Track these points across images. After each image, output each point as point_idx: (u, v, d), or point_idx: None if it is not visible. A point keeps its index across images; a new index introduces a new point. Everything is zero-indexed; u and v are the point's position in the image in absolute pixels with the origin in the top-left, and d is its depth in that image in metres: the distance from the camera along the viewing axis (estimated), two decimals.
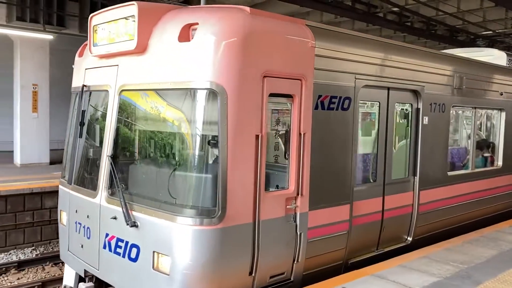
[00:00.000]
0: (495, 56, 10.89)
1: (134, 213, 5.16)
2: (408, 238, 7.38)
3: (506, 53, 11.03)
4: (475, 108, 8.85)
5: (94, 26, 5.94)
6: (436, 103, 7.57)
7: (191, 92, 4.89)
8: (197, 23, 4.86)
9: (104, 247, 5.59)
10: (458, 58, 8.41)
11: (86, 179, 6.12)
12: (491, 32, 18.92)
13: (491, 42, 19.95)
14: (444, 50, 10.82)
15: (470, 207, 8.68)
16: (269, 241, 5.19)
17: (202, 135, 4.87)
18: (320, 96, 5.63)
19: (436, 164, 7.74)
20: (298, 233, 5.51)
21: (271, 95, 5.14)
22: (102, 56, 5.95)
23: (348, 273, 5.94)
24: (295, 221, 5.48)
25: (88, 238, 5.89)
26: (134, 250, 5.16)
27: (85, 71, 6.39)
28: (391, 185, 6.93)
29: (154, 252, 4.94)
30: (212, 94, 4.73)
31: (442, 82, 7.69)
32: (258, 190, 4.99)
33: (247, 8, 4.99)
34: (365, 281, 5.58)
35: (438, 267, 6.10)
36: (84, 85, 6.32)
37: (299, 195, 5.46)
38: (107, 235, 5.56)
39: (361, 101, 6.38)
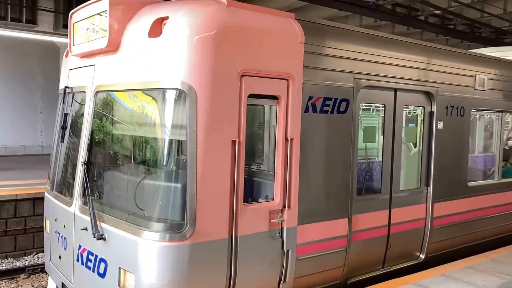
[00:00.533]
0: None
1: (103, 224, 4.76)
2: (421, 256, 6.67)
3: None
4: (502, 111, 8.01)
5: (74, 23, 5.61)
6: (454, 106, 6.83)
7: (159, 94, 4.44)
8: (167, 17, 4.42)
9: (78, 260, 5.22)
10: (479, 56, 7.61)
11: (65, 186, 5.79)
12: None
13: None
14: (472, 50, 9.98)
15: (495, 222, 7.83)
16: (249, 259, 4.66)
17: (170, 140, 4.42)
18: (311, 98, 5.07)
19: (454, 173, 6.98)
20: (285, 250, 4.95)
21: (252, 96, 4.63)
22: (82, 56, 5.60)
23: (387, 281, 5.79)
24: (281, 237, 4.93)
25: (65, 249, 5.54)
26: (102, 265, 4.75)
27: (69, 72, 6.08)
28: (400, 196, 6.25)
29: (120, 268, 4.51)
30: (181, 95, 4.27)
31: (460, 83, 6.94)
32: (235, 201, 4.48)
33: (224, 0, 4.51)
34: None
35: (483, 278, 5.89)
36: (66, 87, 6.00)
37: (286, 208, 4.91)
38: (79, 247, 5.18)
39: (363, 104, 5.76)
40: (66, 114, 5.94)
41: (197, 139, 4.22)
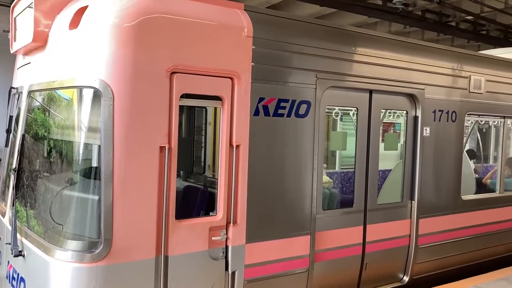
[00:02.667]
0: None
1: (24, 240, 4.26)
2: (404, 278, 5.93)
3: None
4: (504, 117, 7.20)
5: (14, 18, 5.17)
6: (443, 111, 6.09)
7: (75, 93, 3.93)
8: (87, 6, 3.91)
9: (7, 277, 4.74)
10: (474, 55, 6.84)
11: (3, 195, 5.34)
12: None
13: None
14: (481, 51, 9.18)
15: (494, 240, 7.01)
16: (183, 282, 4.08)
17: (85, 145, 3.89)
18: (262, 99, 4.46)
19: (444, 185, 6.23)
20: (230, 272, 4.35)
21: (187, 96, 4.06)
22: (24, 53, 5.16)
23: None
24: (225, 257, 4.33)
25: (0, 263, 5.08)
26: (22, 285, 4.25)
27: (17, 71, 5.65)
28: (377, 211, 5.55)
29: None
30: (96, 94, 3.74)
31: (452, 85, 6.20)
32: (165, 217, 3.91)
33: None
34: None
35: None
36: (11, 87, 5.57)
37: (231, 223, 4.31)
38: (8, 262, 4.70)
39: (328, 106, 5.11)
40: (11, 117, 5.51)
41: (113, 144, 3.67)
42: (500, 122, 7.32)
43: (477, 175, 8.66)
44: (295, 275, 4.81)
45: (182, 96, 4.01)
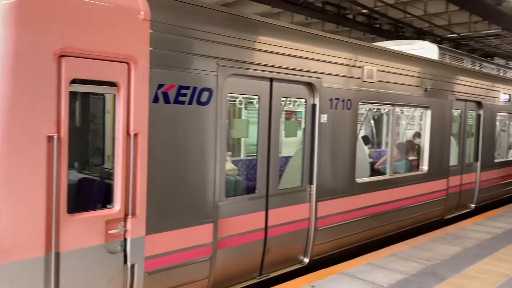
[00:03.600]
0: (426, 49, 9.94)
1: None
2: (305, 259, 6.19)
3: (438, 46, 10.09)
4: (393, 105, 7.76)
5: None
6: (339, 99, 6.39)
7: None
8: None
9: None
10: (367, 47, 7.27)
11: None
12: (456, 35, 18.67)
13: (456, 43, 19.53)
14: (375, 43, 9.76)
15: (387, 219, 7.58)
16: (77, 279, 3.85)
17: None
18: (161, 86, 4.33)
19: (340, 170, 6.58)
20: (129, 265, 4.19)
21: (79, 82, 3.81)
22: None
23: (317, 271, 5.77)
24: (124, 250, 4.17)
25: None
26: None
27: None
28: (278, 196, 5.70)
29: None
30: None
31: (347, 74, 6.53)
32: (55, 211, 3.64)
33: None
34: (334, 279, 5.53)
35: (405, 265, 6.14)
36: None
37: (130, 215, 4.15)
38: None
39: (230, 94, 5.11)
40: None
41: None
42: (390, 109, 7.89)
43: (371, 160, 9.29)
44: (198, 264, 4.78)
45: (73, 82, 3.75)
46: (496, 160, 11.21)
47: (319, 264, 6.28)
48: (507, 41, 19.90)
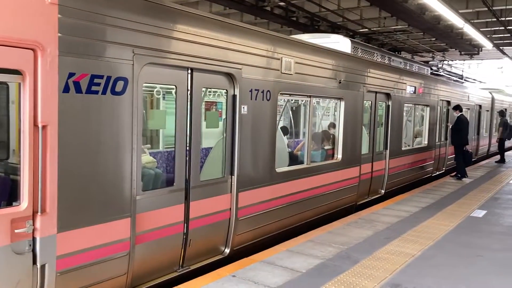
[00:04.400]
0: (341, 43, 10.33)
1: None
2: (226, 250, 6.22)
3: (350, 40, 10.53)
4: (310, 96, 8.00)
5: None
6: (259, 90, 6.46)
7: None
8: None
9: None
10: (285, 39, 7.41)
11: None
12: (367, 30, 19.47)
13: (368, 38, 20.42)
14: (292, 36, 9.95)
15: (305, 206, 7.84)
16: None
17: None
18: (72, 75, 4.07)
19: (260, 160, 6.68)
20: (39, 266, 3.93)
21: None
22: None
23: (238, 261, 5.83)
24: (33, 250, 3.90)
25: None
26: None
27: None
28: (199, 188, 5.65)
29: None
30: None
31: (266, 65, 6.61)
32: None
33: None
34: (255, 267, 5.60)
35: (322, 250, 6.39)
36: None
37: (39, 213, 3.88)
38: None
39: (147, 84, 4.95)
40: None
41: None
42: (307, 100, 8.13)
43: (290, 149, 9.53)
44: (115, 260, 4.61)
45: None
46: (403, 148, 12.03)
47: (241, 253, 6.35)
48: (413, 36, 21.34)
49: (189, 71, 5.38)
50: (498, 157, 19.50)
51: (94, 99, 4.28)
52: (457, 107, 13.74)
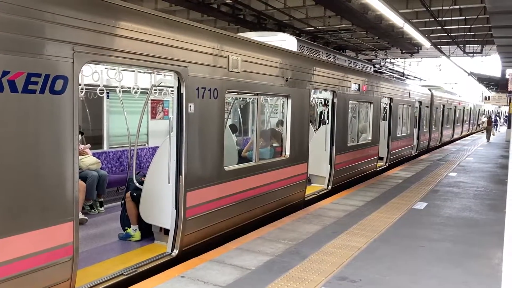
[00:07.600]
0: (287, 41, 10.44)
1: None
2: (174, 251, 6.13)
3: (296, 38, 10.67)
4: (257, 94, 8.04)
5: None
6: (206, 88, 6.41)
7: None
8: None
9: None
10: (232, 37, 7.40)
11: None
12: (313, 28, 19.72)
13: (313, 36, 20.71)
14: (239, 34, 9.93)
15: (255, 203, 7.88)
16: None
17: None
18: (6, 73, 3.85)
19: (208, 158, 6.63)
20: None
21: None
22: None
23: (186, 262, 5.72)
24: None
25: None
26: None
27: None
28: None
29: None
30: None
31: (213, 63, 6.57)
32: None
33: None
34: (204, 267, 5.56)
35: (271, 246, 6.44)
36: None
37: None
38: None
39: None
40: None
41: None
42: (255, 98, 8.16)
43: (239, 147, 9.54)
44: (58, 265, 4.42)
45: None
46: (349, 144, 12.37)
47: (189, 253, 6.27)
48: (356, 35, 21.99)
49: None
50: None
51: (31, 98, 4.07)
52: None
